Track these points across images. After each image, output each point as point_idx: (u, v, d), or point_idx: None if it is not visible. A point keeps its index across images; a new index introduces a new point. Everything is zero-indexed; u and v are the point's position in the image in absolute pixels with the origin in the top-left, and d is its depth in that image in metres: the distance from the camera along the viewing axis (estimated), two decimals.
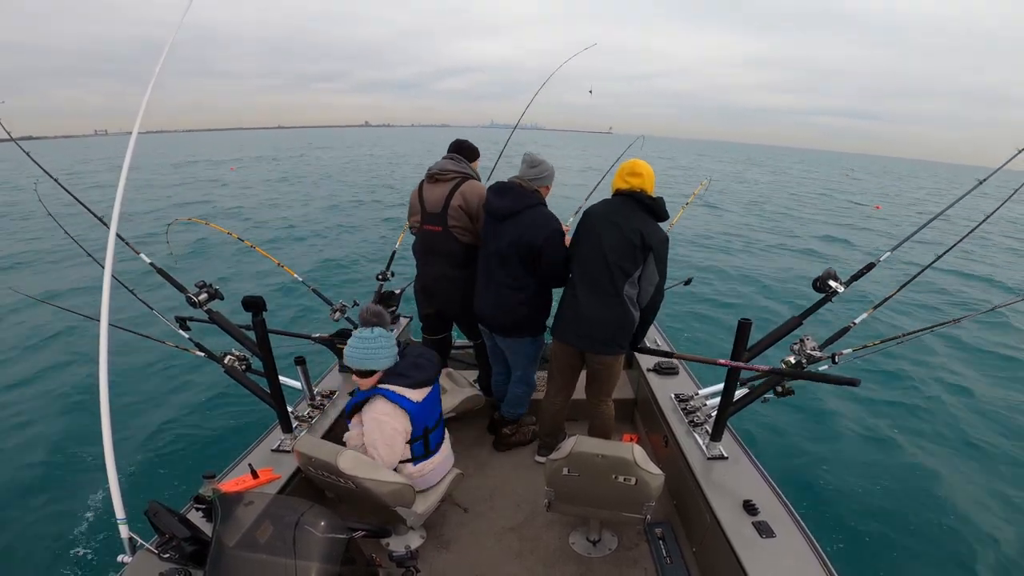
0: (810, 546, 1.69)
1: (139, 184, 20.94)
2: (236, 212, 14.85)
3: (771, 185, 26.85)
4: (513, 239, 2.32)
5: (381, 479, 1.82)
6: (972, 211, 2.59)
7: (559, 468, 1.86)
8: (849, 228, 14.88)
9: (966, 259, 11.14)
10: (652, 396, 2.71)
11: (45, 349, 5.77)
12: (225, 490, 1.84)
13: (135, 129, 1.75)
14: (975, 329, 6.62)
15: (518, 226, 2.31)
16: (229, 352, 2.25)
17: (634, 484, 1.77)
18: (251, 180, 23.10)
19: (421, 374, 2.00)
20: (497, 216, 2.36)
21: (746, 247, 11.58)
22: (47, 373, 5.21)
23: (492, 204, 2.37)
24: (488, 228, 2.44)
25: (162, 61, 1.76)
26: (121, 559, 1.51)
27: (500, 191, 2.37)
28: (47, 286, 7.78)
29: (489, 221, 2.43)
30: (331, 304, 3.01)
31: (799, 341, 2.04)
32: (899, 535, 3.26)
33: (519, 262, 2.37)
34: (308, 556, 1.36)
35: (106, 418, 1.47)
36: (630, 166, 2.19)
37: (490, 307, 2.50)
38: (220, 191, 19.49)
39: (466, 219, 2.55)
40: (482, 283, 2.52)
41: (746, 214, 16.40)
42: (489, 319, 2.55)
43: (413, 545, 2.17)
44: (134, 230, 10.38)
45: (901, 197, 28.34)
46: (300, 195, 18.20)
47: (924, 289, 8.42)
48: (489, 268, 2.47)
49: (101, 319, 1.51)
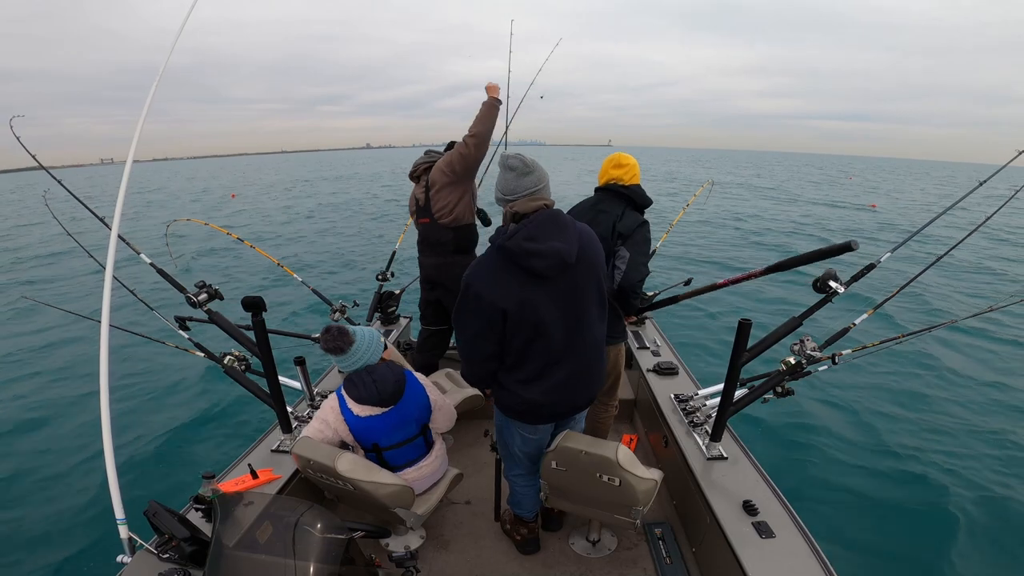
0: (810, 546, 1.69)
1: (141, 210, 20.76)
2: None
3: (770, 189, 26.77)
4: (594, 278, 1.69)
5: (380, 481, 1.82)
6: (972, 212, 2.59)
7: (549, 461, 1.88)
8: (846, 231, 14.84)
9: (968, 258, 11.13)
10: (652, 396, 2.71)
11: (45, 349, 5.78)
12: (225, 490, 1.84)
13: (135, 130, 1.75)
14: (976, 329, 6.62)
15: (587, 254, 1.65)
16: (229, 352, 2.25)
17: (618, 485, 1.76)
18: (253, 205, 22.85)
19: (364, 392, 1.91)
20: (562, 265, 1.57)
21: (743, 246, 11.57)
22: (47, 373, 5.22)
23: (550, 251, 1.52)
24: (544, 296, 1.59)
25: (157, 81, 1.77)
26: (121, 559, 1.51)
27: (552, 228, 1.55)
28: (47, 286, 7.78)
29: (545, 285, 1.59)
30: (331, 304, 3.01)
31: (799, 341, 2.04)
32: (899, 535, 3.26)
33: (598, 298, 1.74)
34: (307, 556, 1.36)
35: (106, 418, 1.48)
36: (616, 158, 2.21)
37: (594, 385, 1.86)
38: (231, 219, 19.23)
39: (446, 192, 2.64)
40: (559, 372, 1.71)
41: (744, 218, 16.38)
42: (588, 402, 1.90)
43: (413, 545, 2.17)
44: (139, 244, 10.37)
45: (901, 196, 28.31)
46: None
47: (924, 289, 8.42)
48: (575, 345, 1.70)
49: (102, 319, 1.51)
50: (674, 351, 3.16)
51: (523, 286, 1.57)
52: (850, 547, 3.11)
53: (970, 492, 3.67)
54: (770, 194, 25.50)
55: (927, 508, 3.51)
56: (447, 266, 2.80)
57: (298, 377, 2.46)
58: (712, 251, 11.10)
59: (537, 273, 1.55)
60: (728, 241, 12.34)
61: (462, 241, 2.77)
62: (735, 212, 17.49)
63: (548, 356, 1.68)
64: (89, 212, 2.36)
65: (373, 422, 1.96)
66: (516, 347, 1.67)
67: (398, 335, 3.47)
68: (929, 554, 3.14)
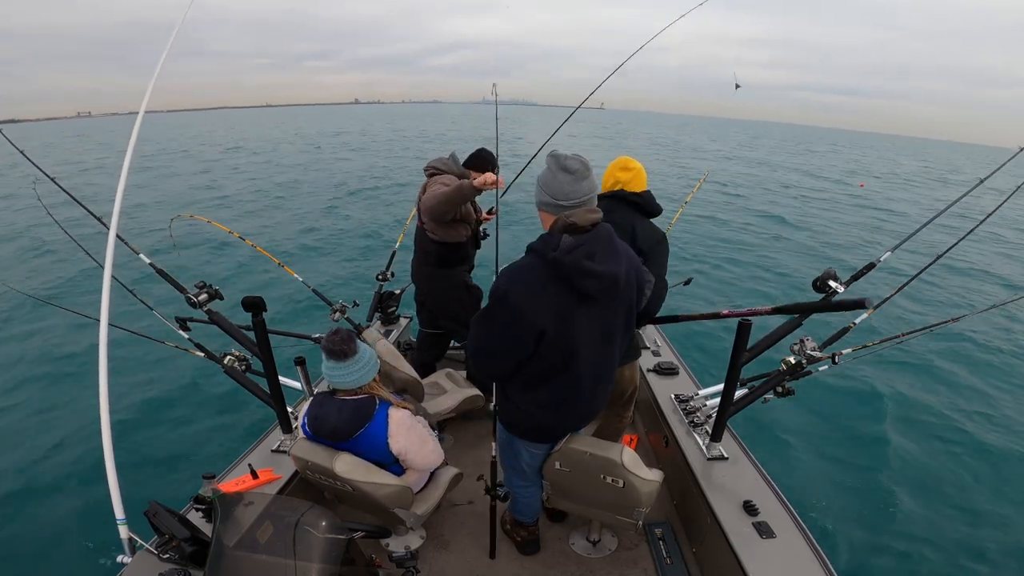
0: (810, 546, 1.70)
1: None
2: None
3: (757, 169, 26.57)
4: (629, 302, 1.63)
5: (378, 481, 1.81)
6: (969, 209, 2.58)
7: (552, 462, 1.87)
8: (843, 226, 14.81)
9: (969, 256, 11.12)
10: (652, 396, 2.71)
11: (45, 349, 5.77)
12: (225, 490, 1.84)
13: (134, 133, 1.75)
14: (977, 327, 6.61)
15: (631, 280, 1.58)
16: (229, 352, 2.25)
17: (622, 487, 1.76)
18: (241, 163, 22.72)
19: (320, 413, 1.83)
20: (614, 291, 1.50)
21: (741, 245, 11.54)
22: (47, 373, 5.21)
23: (607, 274, 1.44)
24: (583, 318, 1.51)
25: (168, 47, 1.76)
26: (121, 559, 1.51)
27: (610, 248, 1.46)
28: (47, 287, 7.78)
29: (588, 311, 1.50)
30: (331, 304, 3.01)
31: (799, 341, 2.04)
32: (899, 535, 3.26)
33: (627, 322, 1.67)
34: (308, 557, 1.36)
35: (106, 418, 1.48)
36: (622, 161, 2.16)
37: (604, 400, 1.83)
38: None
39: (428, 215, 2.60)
40: (575, 399, 1.68)
41: (735, 208, 16.29)
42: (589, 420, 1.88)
43: (413, 545, 2.17)
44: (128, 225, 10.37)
45: (891, 174, 28.18)
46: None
47: (925, 289, 8.41)
48: (599, 369, 1.66)
49: (101, 319, 1.51)
50: (674, 351, 3.16)
51: (565, 305, 1.45)
52: (850, 547, 3.11)
53: (971, 491, 3.67)
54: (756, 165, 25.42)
55: (927, 507, 3.51)
56: (426, 277, 2.82)
57: (298, 377, 2.46)
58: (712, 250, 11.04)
59: (585, 294, 1.44)
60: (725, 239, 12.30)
61: (447, 256, 2.75)
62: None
63: (572, 380, 1.61)
64: (89, 212, 2.35)
65: (326, 445, 1.87)
66: (540, 370, 1.57)
67: (398, 335, 3.47)
68: (929, 554, 3.14)
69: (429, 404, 2.63)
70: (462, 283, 2.88)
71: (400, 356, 2.50)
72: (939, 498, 3.61)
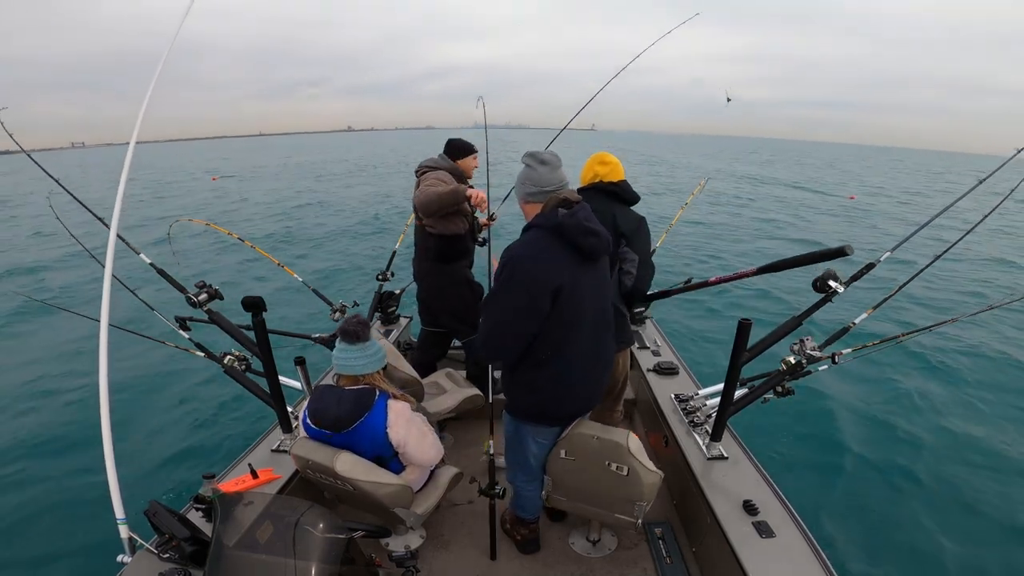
0: (810, 546, 1.69)
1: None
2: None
3: (752, 184, 26.70)
4: (608, 272, 1.88)
5: (379, 481, 1.81)
6: (969, 212, 2.58)
7: (558, 451, 1.88)
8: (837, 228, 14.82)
9: (969, 256, 11.12)
10: (652, 396, 2.71)
11: (45, 349, 5.78)
12: (225, 490, 1.84)
13: (135, 132, 1.76)
14: (977, 328, 6.61)
15: (610, 240, 1.76)
16: (229, 352, 2.25)
17: (626, 474, 1.77)
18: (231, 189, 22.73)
19: (319, 406, 1.87)
20: (607, 249, 1.70)
21: (738, 243, 11.55)
22: (46, 373, 5.22)
23: (603, 232, 1.65)
24: (586, 279, 1.67)
25: (159, 70, 1.77)
26: (121, 559, 1.51)
27: (588, 224, 1.61)
28: (48, 286, 7.79)
29: (577, 281, 1.64)
30: (331, 304, 3.01)
31: (799, 341, 2.04)
32: (899, 534, 3.26)
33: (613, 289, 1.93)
34: (308, 556, 1.36)
35: (106, 418, 1.48)
36: (600, 156, 2.20)
37: (605, 383, 1.97)
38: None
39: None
40: (585, 366, 1.78)
41: (733, 213, 16.34)
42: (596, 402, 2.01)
43: (413, 545, 2.17)
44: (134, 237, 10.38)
45: (880, 186, 28.22)
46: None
47: (924, 289, 8.41)
48: (601, 340, 1.81)
49: (101, 319, 1.51)
50: (674, 351, 3.16)
51: (574, 264, 1.61)
52: (850, 547, 3.11)
53: (971, 492, 3.66)
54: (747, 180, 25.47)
55: (928, 508, 3.51)
56: (427, 273, 2.82)
57: (298, 377, 2.46)
58: (710, 252, 11.06)
59: (587, 252, 1.62)
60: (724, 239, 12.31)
61: (447, 250, 2.75)
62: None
63: (578, 351, 1.72)
64: (89, 212, 2.36)
65: (324, 438, 1.89)
66: (550, 341, 1.65)
67: (398, 335, 3.47)
68: (929, 554, 3.14)
69: (429, 404, 2.63)
70: (463, 278, 2.88)
71: (400, 356, 2.50)
72: (940, 498, 3.61)
